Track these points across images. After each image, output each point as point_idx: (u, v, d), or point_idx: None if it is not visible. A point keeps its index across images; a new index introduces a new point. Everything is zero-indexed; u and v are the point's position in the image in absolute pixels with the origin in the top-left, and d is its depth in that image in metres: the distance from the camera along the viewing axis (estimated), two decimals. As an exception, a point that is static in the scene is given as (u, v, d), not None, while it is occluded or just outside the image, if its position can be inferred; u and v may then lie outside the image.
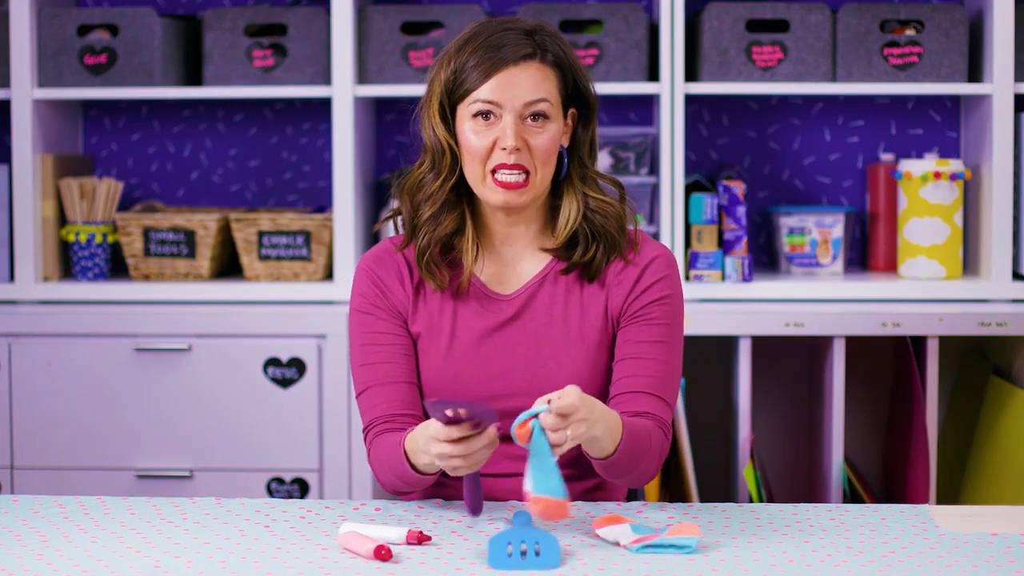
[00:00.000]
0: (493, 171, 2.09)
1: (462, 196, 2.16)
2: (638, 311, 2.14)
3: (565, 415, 1.88)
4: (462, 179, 2.14)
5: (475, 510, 2.01)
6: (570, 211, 2.15)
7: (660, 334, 2.13)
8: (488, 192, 2.11)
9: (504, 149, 2.07)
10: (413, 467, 2.03)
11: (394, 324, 2.17)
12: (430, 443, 1.93)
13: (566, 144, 2.16)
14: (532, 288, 2.16)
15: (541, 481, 1.84)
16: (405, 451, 2.03)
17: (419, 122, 2.18)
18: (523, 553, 1.81)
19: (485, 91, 2.08)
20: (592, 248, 2.15)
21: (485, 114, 2.09)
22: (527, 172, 2.09)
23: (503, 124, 2.08)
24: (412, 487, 2.09)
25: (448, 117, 2.13)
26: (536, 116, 2.08)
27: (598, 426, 1.94)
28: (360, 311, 2.18)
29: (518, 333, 2.15)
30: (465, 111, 2.10)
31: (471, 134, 2.09)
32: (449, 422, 1.88)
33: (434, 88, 2.14)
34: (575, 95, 2.14)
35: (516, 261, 2.18)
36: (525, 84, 2.08)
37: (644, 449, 2.04)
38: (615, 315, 2.15)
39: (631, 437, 2.01)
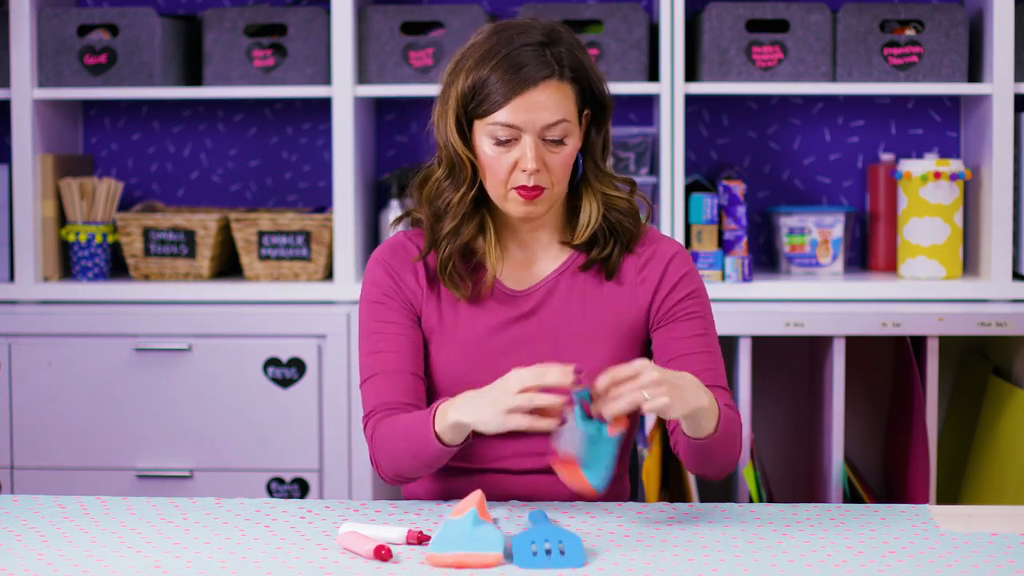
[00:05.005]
0: (515, 188, 2.09)
1: (481, 202, 2.15)
2: (671, 309, 2.15)
3: (620, 381, 1.89)
4: (480, 185, 2.14)
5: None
6: (591, 212, 2.15)
7: (700, 327, 2.15)
8: (510, 205, 2.10)
9: (525, 171, 2.06)
10: (438, 437, 2.00)
11: (405, 316, 2.16)
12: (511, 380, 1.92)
13: (579, 145, 2.16)
14: (549, 284, 2.17)
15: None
16: (435, 415, 2.00)
17: (434, 126, 2.16)
18: (547, 552, 1.81)
19: (505, 114, 2.06)
20: (610, 245, 2.16)
21: (505, 136, 2.08)
22: (543, 190, 2.10)
23: (523, 145, 2.06)
24: (421, 464, 2.04)
25: (465, 130, 2.11)
26: (555, 139, 2.08)
27: (701, 395, 1.95)
28: (371, 300, 2.17)
29: (534, 329, 2.15)
30: (483, 128, 2.08)
31: (490, 153, 2.08)
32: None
33: (450, 101, 2.10)
34: (591, 99, 2.14)
35: (532, 261, 2.18)
36: (545, 106, 2.06)
37: (734, 435, 2.05)
38: (643, 316, 2.15)
39: (727, 420, 2.02)
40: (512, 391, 1.91)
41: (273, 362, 3.13)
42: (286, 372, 3.13)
